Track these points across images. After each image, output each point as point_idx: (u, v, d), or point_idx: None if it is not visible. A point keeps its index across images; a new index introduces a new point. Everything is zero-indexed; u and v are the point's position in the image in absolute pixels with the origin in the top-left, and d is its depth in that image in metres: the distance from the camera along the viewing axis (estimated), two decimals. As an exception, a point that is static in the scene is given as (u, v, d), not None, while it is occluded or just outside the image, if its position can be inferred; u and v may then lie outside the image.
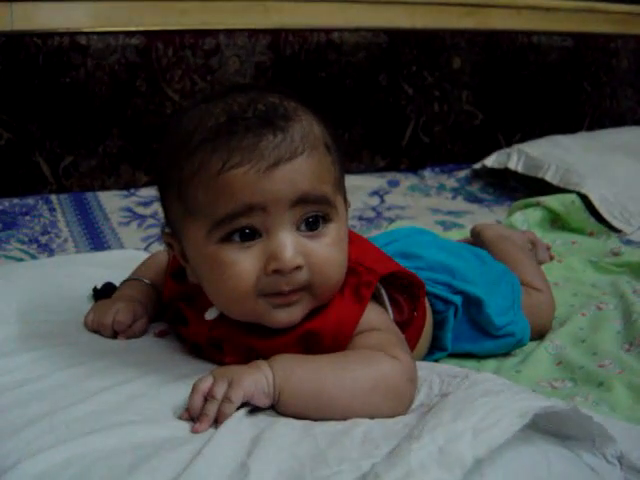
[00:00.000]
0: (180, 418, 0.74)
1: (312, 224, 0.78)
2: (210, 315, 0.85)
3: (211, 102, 0.80)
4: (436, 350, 1.08)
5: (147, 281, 1.01)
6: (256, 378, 0.74)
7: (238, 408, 0.73)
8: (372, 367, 0.77)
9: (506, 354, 1.14)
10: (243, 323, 0.82)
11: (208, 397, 0.73)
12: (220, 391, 0.72)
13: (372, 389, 0.76)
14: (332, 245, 0.80)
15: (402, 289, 0.91)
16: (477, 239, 1.41)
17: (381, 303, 0.89)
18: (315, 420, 0.74)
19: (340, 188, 0.83)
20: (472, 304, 1.09)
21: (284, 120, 0.77)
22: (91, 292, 1.04)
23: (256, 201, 0.75)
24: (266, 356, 0.78)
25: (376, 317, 0.85)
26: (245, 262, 0.77)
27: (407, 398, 0.78)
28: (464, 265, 1.14)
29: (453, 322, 1.07)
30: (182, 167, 0.78)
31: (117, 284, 1.03)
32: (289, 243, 0.76)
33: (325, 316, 0.82)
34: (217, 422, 0.72)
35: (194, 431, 0.71)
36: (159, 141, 0.87)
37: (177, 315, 0.92)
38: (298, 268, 0.77)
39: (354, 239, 0.91)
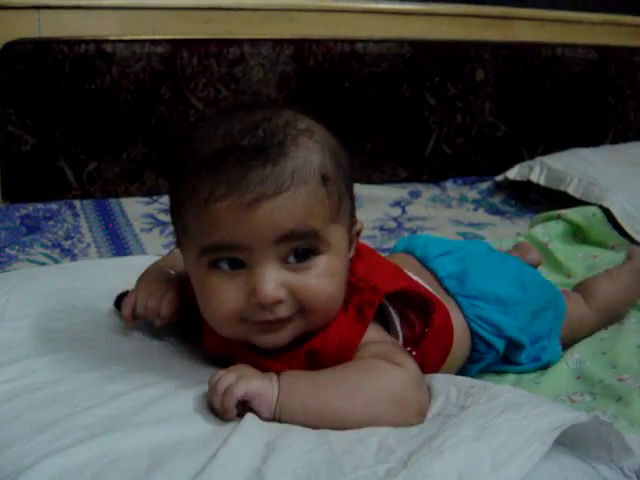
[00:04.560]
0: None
1: (301, 256, 0.77)
2: None
3: (218, 121, 0.79)
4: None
5: (173, 272, 0.99)
6: (265, 385, 0.75)
7: None
8: (373, 376, 0.77)
9: (526, 366, 1.14)
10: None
11: (212, 390, 0.75)
12: (223, 385, 0.74)
13: (375, 402, 0.76)
14: (320, 276, 0.78)
15: (412, 304, 0.89)
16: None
17: (389, 320, 0.89)
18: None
19: (338, 218, 0.80)
20: (512, 346, 1.07)
21: (279, 150, 0.75)
22: (115, 299, 1.04)
23: (238, 241, 0.75)
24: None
25: (375, 333, 0.85)
26: (229, 291, 0.77)
27: (415, 405, 0.77)
28: (516, 297, 1.09)
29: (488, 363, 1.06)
30: (180, 190, 0.79)
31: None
32: (270, 278, 0.75)
33: (327, 335, 0.82)
34: (224, 416, 0.74)
35: None
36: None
37: (195, 324, 0.93)
38: (280, 302, 0.76)
39: (364, 253, 0.90)
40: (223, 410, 0.74)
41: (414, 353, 0.88)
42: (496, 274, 1.11)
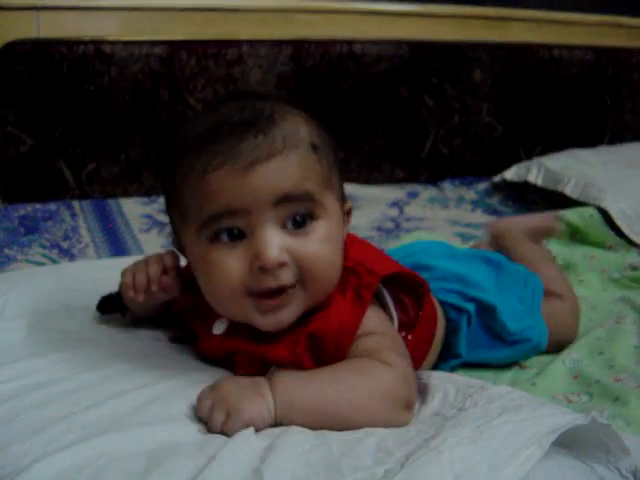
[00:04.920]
0: None
1: (299, 222, 0.79)
2: (217, 330, 0.86)
3: (205, 111, 0.83)
4: (450, 358, 1.08)
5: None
6: (258, 408, 0.74)
7: None
8: (367, 377, 0.78)
9: (522, 366, 1.14)
10: (251, 333, 0.83)
11: (208, 424, 0.74)
12: (218, 422, 0.73)
13: (369, 398, 0.77)
14: (320, 241, 0.80)
15: (406, 289, 0.92)
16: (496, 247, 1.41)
17: (384, 304, 0.90)
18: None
19: (331, 187, 0.83)
20: (486, 311, 1.10)
21: (268, 122, 0.78)
22: (97, 303, 1.01)
23: (237, 204, 0.76)
24: (278, 365, 0.80)
25: (375, 320, 0.86)
26: (232, 261, 0.78)
27: (402, 399, 0.79)
28: (477, 273, 1.15)
29: (467, 330, 1.08)
30: (175, 173, 0.81)
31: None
32: (272, 241, 0.77)
33: (327, 318, 0.82)
34: None
35: None
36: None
37: (188, 330, 0.93)
38: (283, 265, 0.77)
39: (355, 241, 0.92)
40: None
41: (410, 337, 0.91)
42: (450, 259, 1.17)
